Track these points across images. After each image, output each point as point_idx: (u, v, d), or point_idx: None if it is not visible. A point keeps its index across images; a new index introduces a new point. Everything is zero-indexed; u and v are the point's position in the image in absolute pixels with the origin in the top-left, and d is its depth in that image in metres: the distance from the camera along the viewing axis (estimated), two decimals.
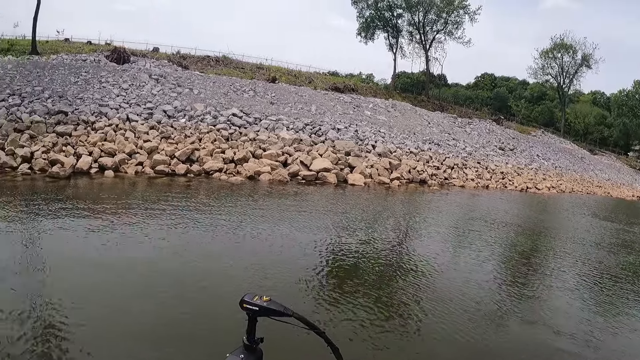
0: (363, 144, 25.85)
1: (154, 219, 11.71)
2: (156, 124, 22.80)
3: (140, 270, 7.84)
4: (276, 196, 16.94)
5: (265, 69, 39.51)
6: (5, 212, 11.78)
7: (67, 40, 41.57)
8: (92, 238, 9.53)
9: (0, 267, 7.19)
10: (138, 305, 6.36)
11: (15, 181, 16.37)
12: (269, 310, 1.80)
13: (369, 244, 10.68)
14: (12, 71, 27.45)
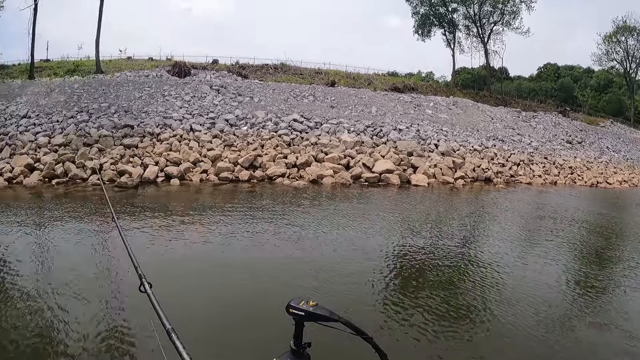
0: (425, 144, 25.70)
1: (221, 223, 12.18)
2: (219, 132, 23.67)
3: (215, 270, 8.37)
4: (340, 199, 17.06)
5: (323, 74, 39.94)
6: (84, 219, 12.89)
7: (129, 58, 43.86)
8: (170, 239, 10.38)
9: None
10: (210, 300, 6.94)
11: (86, 191, 17.52)
12: (315, 316, 1.81)
13: (435, 245, 10.65)
14: (79, 90, 29.42)
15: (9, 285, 7.25)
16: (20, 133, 23.35)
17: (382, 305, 6.82)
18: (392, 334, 5.94)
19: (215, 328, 5.90)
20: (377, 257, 9.36)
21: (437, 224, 13.45)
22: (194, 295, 7.09)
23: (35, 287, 7.06)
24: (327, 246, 10.17)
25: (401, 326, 6.13)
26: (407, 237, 11.42)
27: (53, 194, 17.37)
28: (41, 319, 5.94)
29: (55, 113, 25.58)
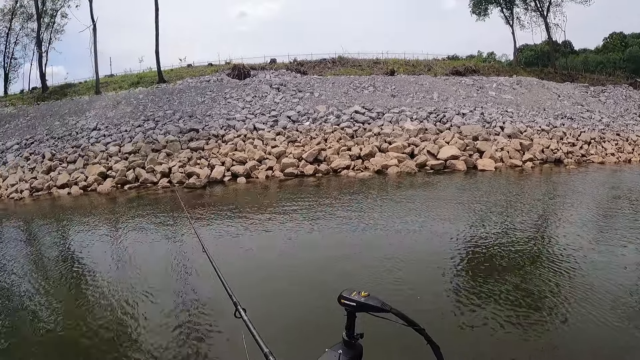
0: (490, 127, 25.26)
1: (290, 216, 12.66)
2: (282, 129, 24.34)
3: (286, 261, 8.90)
4: (406, 188, 17.07)
5: (382, 63, 39.88)
6: (157, 218, 14.07)
7: (189, 66, 45.69)
8: (245, 234, 11.18)
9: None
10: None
11: (157, 194, 18.71)
12: (366, 306, 1.84)
13: (505, 230, 10.46)
14: (144, 100, 31.17)
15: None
16: (91, 144, 25.16)
17: (451, 292, 6.89)
18: (459, 320, 5.98)
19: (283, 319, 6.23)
20: (447, 245, 9.39)
21: (507, 209, 13.11)
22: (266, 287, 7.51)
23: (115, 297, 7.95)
24: (396, 235, 10.24)
25: (471, 312, 6.19)
26: (476, 223, 11.31)
27: (126, 197, 18.74)
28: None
29: (123, 123, 27.29)
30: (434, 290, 6.98)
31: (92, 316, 6.78)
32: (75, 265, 9.77)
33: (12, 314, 7.32)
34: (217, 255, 8.28)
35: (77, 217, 15.83)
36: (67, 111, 32.34)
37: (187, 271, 8.64)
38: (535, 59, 56.65)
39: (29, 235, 14.53)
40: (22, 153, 27.11)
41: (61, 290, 8.25)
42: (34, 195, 21.58)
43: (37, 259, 11.14)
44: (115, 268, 9.30)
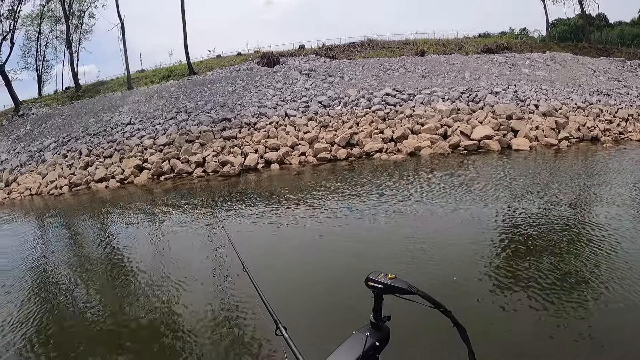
0: (525, 105, 24.62)
1: (327, 200, 12.81)
2: (313, 115, 24.33)
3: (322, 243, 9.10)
4: (439, 169, 16.78)
5: (412, 44, 39.42)
6: (201, 205, 14.23)
7: (218, 57, 46.02)
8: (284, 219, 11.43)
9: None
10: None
11: (193, 183, 19.07)
12: (393, 288, 1.86)
13: (543, 211, 10.30)
14: (176, 92, 31.54)
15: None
16: (126, 139, 25.69)
17: (488, 274, 6.82)
18: (496, 301, 5.96)
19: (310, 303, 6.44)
20: (484, 226, 9.28)
21: (544, 189, 12.84)
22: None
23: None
24: (433, 217, 10.22)
25: (510, 293, 6.14)
26: (513, 204, 11.12)
27: (162, 188, 19.17)
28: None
29: (156, 116, 27.71)
30: (470, 271, 6.94)
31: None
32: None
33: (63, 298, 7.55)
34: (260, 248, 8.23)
35: (116, 208, 16.17)
36: (100, 108, 32.99)
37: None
38: (569, 34, 55.00)
39: (73, 228, 14.90)
40: (59, 151, 27.82)
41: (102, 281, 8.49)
42: (73, 190, 22.28)
43: (83, 248, 11.45)
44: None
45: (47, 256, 11.14)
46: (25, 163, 28.47)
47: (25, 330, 6.59)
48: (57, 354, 5.92)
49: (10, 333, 6.53)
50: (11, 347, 6.11)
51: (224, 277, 7.82)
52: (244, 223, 11.29)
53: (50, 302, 7.71)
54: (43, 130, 33.39)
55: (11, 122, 40.42)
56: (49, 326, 6.70)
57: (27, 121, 37.97)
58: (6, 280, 9.19)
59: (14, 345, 6.15)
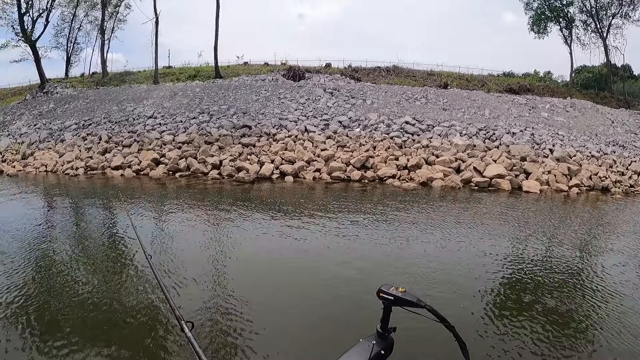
0: (540, 148, 24.83)
1: (336, 220, 13.18)
2: (332, 133, 24.86)
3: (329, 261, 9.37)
4: (450, 202, 17.08)
5: (436, 75, 40.07)
6: (212, 208, 14.75)
7: (246, 64, 46.81)
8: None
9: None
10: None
11: (206, 184, 19.60)
12: (403, 301, 1.98)
13: (548, 254, 10.33)
14: (200, 93, 32.18)
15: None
16: (147, 131, 26.31)
17: (487, 307, 6.92)
18: (493, 337, 6.01)
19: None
20: (490, 262, 9.34)
21: (552, 233, 12.84)
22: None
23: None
24: (438, 248, 10.35)
25: (504, 331, 6.20)
26: (520, 244, 11.23)
27: (176, 184, 19.82)
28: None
29: (179, 114, 28.35)
30: (471, 305, 7.04)
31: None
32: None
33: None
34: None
35: (127, 196, 16.76)
36: (125, 97, 33.69)
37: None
38: (593, 82, 54.97)
39: (79, 207, 15.45)
40: (79, 133, 28.51)
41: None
42: (89, 173, 23.02)
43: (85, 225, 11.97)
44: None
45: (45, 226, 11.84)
46: (44, 139, 29.17)
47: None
48: None
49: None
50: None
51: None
52: (250, 229, 11.81)
53: None
54: (66, 110, 34.11)
55: (35, 98, 41.30)
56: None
57: (51, 99, 38.74)
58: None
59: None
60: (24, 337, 5.70)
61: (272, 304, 6.89)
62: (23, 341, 5.59)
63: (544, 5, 53.13)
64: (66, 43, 58.19)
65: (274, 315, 6.45)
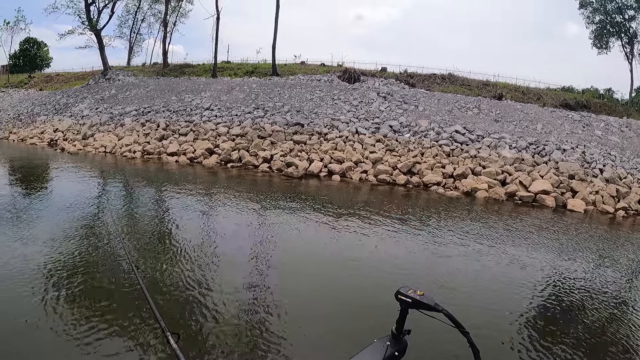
0: (589, 167, 24.42)
1: (379, 223, 14.23)
2: (382, 137, 25.60)
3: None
4: (494, 214, 17.28)
5: (491, 86, 39.88)
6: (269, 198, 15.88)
7: (302, 63, 47.87)
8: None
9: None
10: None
11: (256, 176, 20.95)
12: (420, 304, 1.99)
13: (593, 277, 10.13)
14: (257, 89, 33.45)
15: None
16: (203, 122, 27.86)
17: (521, 326, 6.94)
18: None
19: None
20: (530, 278, 9.37)
21: (597, 256, 12.47)
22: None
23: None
24: (480, 262, 10.40)
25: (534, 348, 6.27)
26: (562, 264, 11.07)
27: (228, 174, 21.13)
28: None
29: (235, 108, 29.75)
30: (508, 320, 7.16)
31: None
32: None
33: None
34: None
35: (180, 181, 18.09)
36: (184, 89, 35.37)
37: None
38: None
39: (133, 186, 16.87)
40: (138, 119, 30.33)
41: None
42: (145, 157, 24.81)
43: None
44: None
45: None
46: (104, 122, 31.24)
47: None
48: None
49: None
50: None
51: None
52: (297, 223, 12.86)
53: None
54: (126, 97, 36.06)
55: (97, 83, 43.66)
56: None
57: (113, 86, 40.91)
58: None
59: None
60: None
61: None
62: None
63: (605, 20, 51.62)
64: (129, 33, 61.62)
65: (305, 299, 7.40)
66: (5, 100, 48.35)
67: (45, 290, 6.81)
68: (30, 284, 6.95)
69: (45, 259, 8.09)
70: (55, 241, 9.23)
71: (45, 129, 33.51)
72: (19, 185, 17.12)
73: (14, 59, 70.82)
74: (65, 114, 35.71)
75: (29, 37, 71.57)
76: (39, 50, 74.64)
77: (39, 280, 7.14)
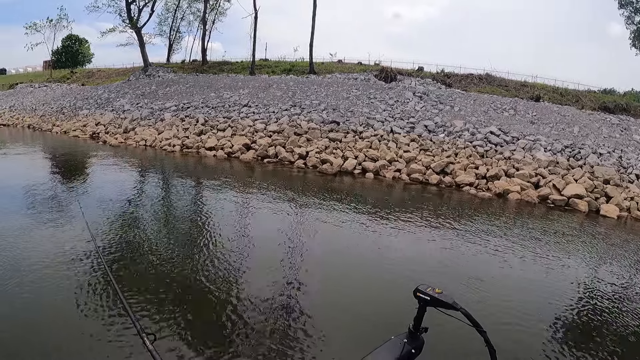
0: (626, 173, 24.01)
1: (413, 222, 15.04)
2: (417, 137, 26.10)
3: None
4: (527, 217, 17.40)
5: (529, 87, 39.77)
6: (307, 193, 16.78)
7: (339, 62, 48.51)
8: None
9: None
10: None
11: (292, 172, 21.88)
12: (439, 302, 2.01)
13: (626, 288, 10.03)
14: (294, 87, 34.36)
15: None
16: (241, 118, 28.91)
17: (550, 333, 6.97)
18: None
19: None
20: (561, 286, 9.39)
21: (628, 266, 12.24)
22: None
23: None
24: (508, 265, 10.60)
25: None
26: (594, 273, 11.05)
27: (264, 169, 22.28)
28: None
29: (272, 105, 30.72)
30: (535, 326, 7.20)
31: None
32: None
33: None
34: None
35: (217, 174, 19.11)
36: (222, 85, 36.59)
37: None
38: None
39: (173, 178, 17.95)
40: (178, 114, 31.59)
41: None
42: (184, 151, 26.10)
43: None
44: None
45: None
46: (145, 117, 32.66)
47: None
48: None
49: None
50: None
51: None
52: (331, 218, 13.72)
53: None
54: (167, 93, 37.44)
55: (138, 79, 45.33)
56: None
57: (153, 82, 42.42)
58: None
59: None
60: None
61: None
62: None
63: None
64: (169, 31, 63.44)
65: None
66: (48, 94, 50.50)
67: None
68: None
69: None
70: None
71: (88, 122, 35.17)
72: (70, 175, 18.71)
73: (57, 55, 73.62)
74: (107, 109, 37.30)
75: (71, 34, 74.24)
76: (80, 47, 77.30)
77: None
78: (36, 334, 5.73)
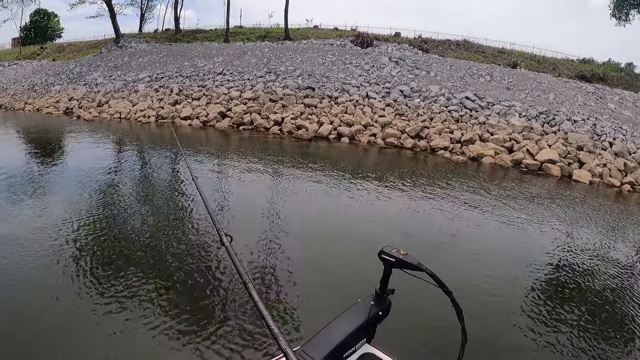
0: (599, 140, 24.36)
1: (386, 181, 15.34)
2: (392, 102, 26.29)
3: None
4: (500, 179, 17.67)
5: (507, 54, 39.71)
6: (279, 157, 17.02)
7: (316, 27, 48.22)
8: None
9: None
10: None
11: (267, 138, 22.06)
12: (403, 263, 2.01)
13: (600, 252, 10.11)
14: (269, 54, 34.28)
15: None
16: (215, 87, 28.89)
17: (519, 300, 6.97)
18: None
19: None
20: (535, 250, 9.47)
21: (606, 230, 12.51)
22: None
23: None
24: (482, 231, 10.74)
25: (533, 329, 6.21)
26: (565, 235, 11.14)
27: (240, 136, 22.42)
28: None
29: (247, 72, 30.68)
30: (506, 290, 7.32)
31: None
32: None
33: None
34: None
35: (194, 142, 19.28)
36: (196, 54, 36.36)
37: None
38: None
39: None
40: (152, 85, 31.42)
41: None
42: (159, 122, 25.98)
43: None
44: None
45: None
46: (118, 89, 32.39)
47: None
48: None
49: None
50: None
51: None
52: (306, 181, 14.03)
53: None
54: (140, 64, 37.10)
55: (110, 51, 44.70)
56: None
57: (125, 53, 41.94)
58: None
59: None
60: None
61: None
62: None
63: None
64: (140, 0, 62.19)
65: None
66: (18, 72, 49.56)
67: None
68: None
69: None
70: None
71: (60, 98, 34.71)
72: (43, 153, 18.61)
73: (25, 31, 72.17)
74: (80, 83, 36.87)
75: (39, 8, 72.73)
76: (49, 21, 75.79)
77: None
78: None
